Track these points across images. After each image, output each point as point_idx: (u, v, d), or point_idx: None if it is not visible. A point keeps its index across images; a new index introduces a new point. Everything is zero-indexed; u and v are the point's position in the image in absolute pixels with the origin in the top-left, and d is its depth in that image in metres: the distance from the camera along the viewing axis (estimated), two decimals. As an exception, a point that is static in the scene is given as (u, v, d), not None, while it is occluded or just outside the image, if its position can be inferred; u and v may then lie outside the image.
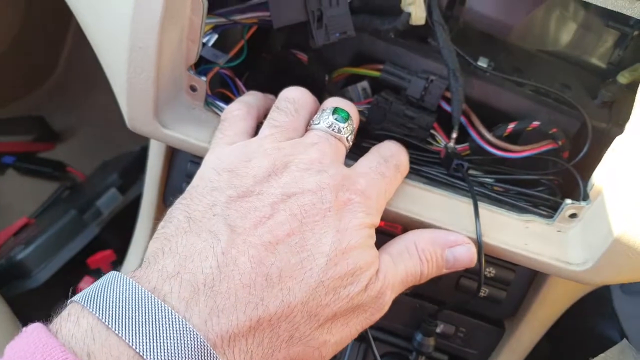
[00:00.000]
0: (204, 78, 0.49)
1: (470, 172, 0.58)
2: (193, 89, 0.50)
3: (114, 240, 0.94)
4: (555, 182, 0.57)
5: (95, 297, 0.31)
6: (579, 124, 0.57)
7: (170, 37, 0.44)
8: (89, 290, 0.32)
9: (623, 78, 0.59)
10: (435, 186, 0.51)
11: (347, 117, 0.47)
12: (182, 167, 0.55)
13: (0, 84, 1.15)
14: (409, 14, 0.56)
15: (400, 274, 0.42)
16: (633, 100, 0.56)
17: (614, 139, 0.54)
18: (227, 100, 0.53)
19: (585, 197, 0.48)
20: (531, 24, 0.65)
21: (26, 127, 1.19)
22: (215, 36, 0.56)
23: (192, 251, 0.34)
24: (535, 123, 0.55)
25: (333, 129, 0.46)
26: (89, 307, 0.30)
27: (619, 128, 0.55)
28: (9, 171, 1.15)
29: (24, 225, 1.02)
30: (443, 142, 0.58)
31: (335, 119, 0.46)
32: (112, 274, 0.33)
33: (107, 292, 0.31)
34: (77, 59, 1.25)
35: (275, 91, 0.59)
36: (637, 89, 0.57)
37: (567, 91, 0.59)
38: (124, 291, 0.31)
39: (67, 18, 1.22)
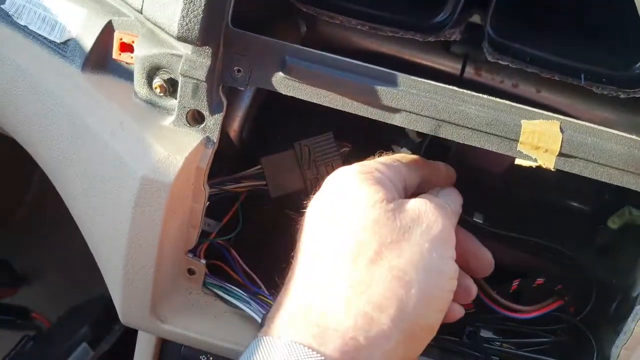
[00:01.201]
0: (203, 261, 0.47)
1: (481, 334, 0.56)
2: (191, 272, 0.47)
3: (82, 403, 0.86)
4: (562, 335, 0.56)
5: None
6: (580, 276, 0.56)
7: (171, 229, 0.42)
8: None
9: (613, 224, 0.60)
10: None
11: None
12: (176, 352, 0.51)
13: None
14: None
15: None
16: (627, 247, 0.57)
17: (616, 289, 0.54)
18: (224, 276, 0.50)
19: (606, 364, 0.47)
20: (513, 171, 0.66)
21: (-13, 272, 1.12)
22: (207, 203, 0.55)
23: None
24: (540, 280, 0.54)
25: None
26: None
27: (620, 278, 0.55)
28: (-34, 323, 1.06)
29: (-17, 386, 0.92)
30: (447, 302, 0.57)
31: None
32: None
33: None
34: (43, 199, 1.21)
35: (265, 252, 0.57)
36: (627, 234, 0.58)
37: (563, 240, 0.60)
38: None
39: (34, 160, 1.19)
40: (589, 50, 0.51)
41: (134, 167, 0.41)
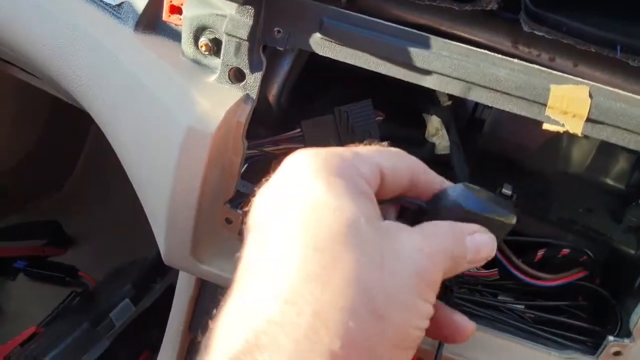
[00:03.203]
0: (240, 211, 0.50)
1: (500, 297, 0.58)
2: (228, 221, 0.50)
3: (123, 353, 0.92)
4: (585, 306, 0.56)
5: None
6: (607, 250, 0.57)
7: (212, 178, 0.45)
8: None
9: (645, 201, 0.60)
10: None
11: None
12: (213, 294, 0.55)
13: (17, 190, 1.17)
14: (434, 144, 0.58)
15: None
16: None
17: (641, 264, 0.54)
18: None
19: (627, 334, 0.47)
20: (548, 147, 0.67)
21: (40, 231, 1.20)
22: (245, 166, 0.58)
23: None
24: (565, 250, 0.55)
25: None
26: None
27: (647, 254, 0.55)
28: (20, 276, 1.14)
29: (33, 334, 0.99)
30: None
31: None
32: None
33: None
34: (93, 166, 1.28)
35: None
36: (659, 214, 0.58)
37: (592, 216, 0.60)
38: None
39: (85, 130, 1.27)
40: (626, 23, 0.51)
41: (179, 117, 0.44)
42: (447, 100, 0.57)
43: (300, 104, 0.59)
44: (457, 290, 0.54)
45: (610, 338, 0.47)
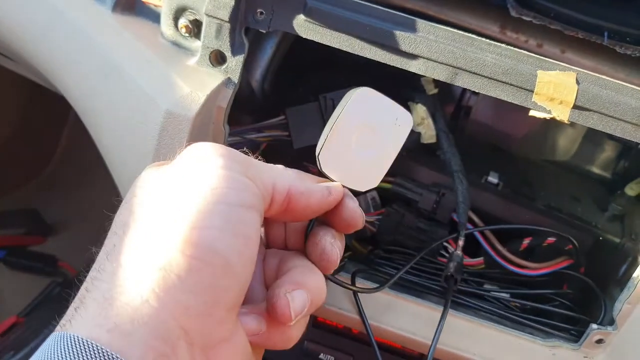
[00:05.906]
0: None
1: (486, 286, 0.58)
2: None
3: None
4: (570, 294, 0.56)
5: None
6: (592, 238, 0.57)
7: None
8: None
9: (631, 190, 0.60)
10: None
11: None
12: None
13: (-4, 177, 1.15)
14: (419, 134, 0.58)
15: None
16: (642, 213, 0.57)
17: (628, 253, 0.54)
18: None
19: (611, 322, 0.47)
20: (534, 135, 0.66)
21: (18, 220, 1.17)
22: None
23: None
24: (551, 239, 0.55)
25: None
26: None
27: (633, 243, 0.55)
28: (-2, 265, 1.11)
29: (13, 324, 0.97)
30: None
31: None
32: None
33: None
34: (72, 153, 1.25)
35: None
36: (644, 201, 0.58)
37: (578, 204, 0.60)
38: None
39: (64, 114, 1.24)
40: (614, 10, 0.50)
41: (158, 101, 0.43)
42: (433, 88, 0.57)
43: (284, 90, 0.58)
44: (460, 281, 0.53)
45: (594, 326, 0.47)
